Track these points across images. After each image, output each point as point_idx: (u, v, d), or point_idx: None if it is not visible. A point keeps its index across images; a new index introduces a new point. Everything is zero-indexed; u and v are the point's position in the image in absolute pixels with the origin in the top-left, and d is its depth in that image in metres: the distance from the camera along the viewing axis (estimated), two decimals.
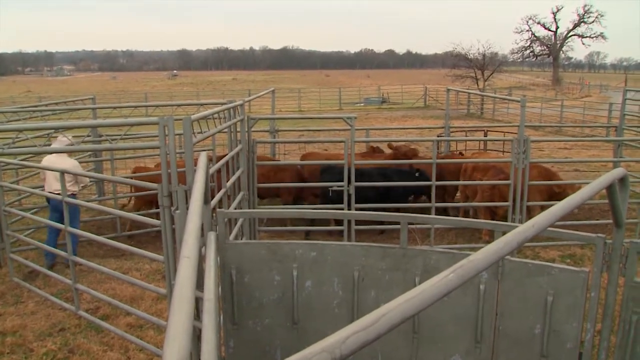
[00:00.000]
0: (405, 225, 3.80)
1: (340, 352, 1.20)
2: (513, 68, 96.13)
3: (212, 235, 3.49)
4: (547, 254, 9.01)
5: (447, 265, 1.58)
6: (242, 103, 7.98)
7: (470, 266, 1.60)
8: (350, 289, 3.87)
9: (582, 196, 2.44)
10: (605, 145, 18.21)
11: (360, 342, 1.26)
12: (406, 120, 32.52)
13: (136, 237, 10.04)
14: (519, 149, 8.80)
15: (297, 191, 10.56)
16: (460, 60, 56.53)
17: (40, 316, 6.96)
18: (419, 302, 1.42)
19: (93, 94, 13.63)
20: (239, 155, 8.07)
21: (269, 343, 4.03)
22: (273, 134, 11.67)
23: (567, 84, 66.20)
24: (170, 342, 1.27)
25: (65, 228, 6.69)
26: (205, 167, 3.27)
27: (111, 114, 11.71)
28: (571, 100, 40.25)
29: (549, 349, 3.59)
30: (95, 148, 10.97)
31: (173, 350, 1.24)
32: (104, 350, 6.09)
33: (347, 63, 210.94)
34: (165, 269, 5.46)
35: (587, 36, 74.47)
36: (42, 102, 15.30)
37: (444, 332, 3.80)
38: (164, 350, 1.25)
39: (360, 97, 48.15)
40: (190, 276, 1.67)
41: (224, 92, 51.20)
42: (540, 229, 2.02)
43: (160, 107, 11.78)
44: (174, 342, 1.27)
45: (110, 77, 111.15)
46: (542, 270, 3.56)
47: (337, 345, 1.20)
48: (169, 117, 4.95)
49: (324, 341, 1.21)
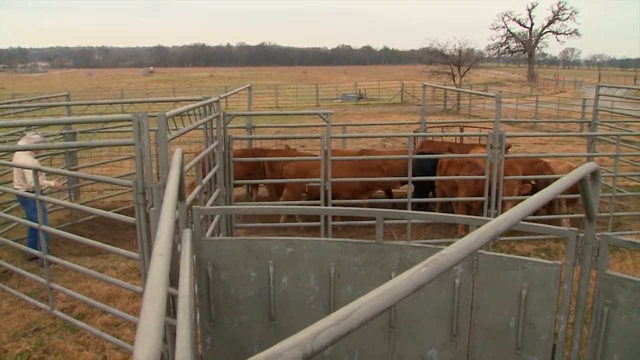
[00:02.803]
0: (381, 221, 3.82)
1: (311, 347, 1.20)
2: (489, 64, 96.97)
3: (187, 232, 3.47)
4: (522, 248, 9.11)
5: (423, 259, 1.59)
6: (217, 100, 7.94)
7: (443, 260, 1.61)
8: (326, 284, 3.88)
9: (554, 190, 2.47)
10: (579, 140, 18.43)
11: (332, 337, 1.26)
12: (383, 116, 32.60)
13: (112, 234, 9.94)
14: (494, 144, 8.88)
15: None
16: (437, 57, 56.77)
17: (14, 316, 6.87)
18: (391, 296, 1.43)
19: (68, 90, 13.48)
20: (214, 152, 8.03)
21: (246, 340, 4.02)
22: (249, 130, 11.63)
23: (542, 80, 66.94)
24: (141, 340, 1.26)
25: (40, 227, 6.61)
26: (180, 163, 3.24)
27: (86, 111, 11.57)
28: (546, 96, 40.73)
29: (523, 341, 3.63)
30: (68, 145, 10.84)
31: (144, 348, 1.23)
32: (80, 349, 6.04)
33: (324, 59, 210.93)
34: (140, 267, 5.42)
35: (562, 33, 75.44)
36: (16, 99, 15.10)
37: (420, 326, 3.82)
38: (134, 348, 1.24)
39: (337, 94, 48.11)
40: (163, 273, 1.65)
41: (201, 88, 50.85)
42: (512, 223, 2.04)
43: (135, 104, 11.71)
44: (145, 340, 1.26)
45: (86, 74, 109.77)
46: (516, 264, 3.60)
47: (309, 340, 1.21)
48: (144, 114, 4.91)
49: (296, 336, 1.21)
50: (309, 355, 1.19)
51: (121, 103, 13.60)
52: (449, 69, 53.73)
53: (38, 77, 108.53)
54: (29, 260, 8.56)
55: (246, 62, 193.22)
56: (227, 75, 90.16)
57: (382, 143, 19.63)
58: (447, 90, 36.46)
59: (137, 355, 1.20)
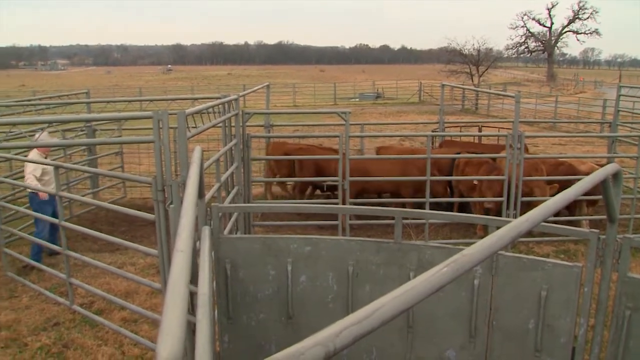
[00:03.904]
0: (400, 220, 3.81)
1: (334, 345, 1.20)
2: (508, 64, 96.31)
3: (206, 229, 3.49)
4: (541, 250, 9.04)
5: (441, 260, 1.58)
6: (236, 98, 7.96)
7: (464, 260, 1.60)
8: (344, 283, 3.87)
9: (576, 191, 2.45)
10: (600, 141, 18.26)
11: (354, 335, 1.26)
12: (401, 115, 32.50)
13: (131, 231, 10.02)
14: (514, 144, 8.81)
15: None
16: (455, 56, 56.57)
17: (34, 310, 6.95)
18: (412, 296, 1.42)
19: (87, 88, 13.58)
20: (233, 150, 8.06)
21: (263, 337, 4.03)
22: (268, 128, 11.65)
23: (562, 80, 66.30)
24: (164, 337, 1.27)
25: (60, 222, 6.69)
26: (200, 161, 3.26)
27: (105, 108, 11.67)
28: (565, 96, 40.35)
29: (542, 344, 3.60)
30: (89, 142, 10.94)
31: (167, 344, 1.23)
32: (99, 344, 6.09)
33: (342, 58, 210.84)
34: (159, 264, 5.46)
35: (582, 32, 74.66)
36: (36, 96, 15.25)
37: (439, 327, 3.80)
38: (157, 344, 1.25)
39: (355, 92, 48.05)
40: (185, 270, 1.66)
41: (219, 86, 51.04)
42: (534, 224, 2.02)
43: (154, 102, 11.77)
44: (167, 337, 1.26)
45: (105, 72, 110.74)
46: (536, 265, 3.57)
47: (331, 339, 1.20)
48: (164, 112, 4.94)
49: (318, 335, 1.21)
50: (331, 353, 1.19)
51: (140, 101, 13.68)
52: (468, 69, 53.51)
53: (58, 74, 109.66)
54: (49, 255, 8.66)
55: (264, 61, 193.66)
56: (245, 74, 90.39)
57: (399, 142, 19.57)
58: (465, 90, 36.26)
59: (160, 352, 1.21)
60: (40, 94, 31.76)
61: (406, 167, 10.07)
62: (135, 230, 10.06)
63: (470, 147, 11.69)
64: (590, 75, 78.80)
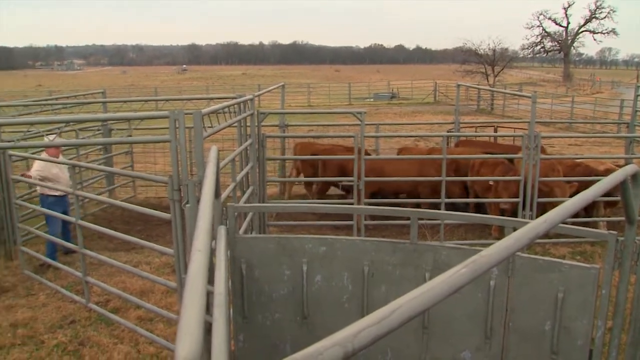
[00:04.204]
0: (416, 221, 3.79)
1: (352, 346, 1.20)
2: (523, 64, 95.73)
3: (222, 229, 3.49)
4: (557, 251, 8.98)
5: (457, 261, 1.58)
6: (252, 97, 7.98)
7: (483, 261, 1.59)
8: (360, 283, 3.87)
9: (595, 192, 2.43)
10: (617, 141, 18.11)
11: (372, 336, 1.25)
12: (416, 115, 32.43)
13: (146, 230, 10.08)
14: (530, 145, 8.76)
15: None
16: (471, 56, 56.31)
17: (51, 308, 7.01)
18: (431, 296, 1.42)
19: (103, 88, 13.69)
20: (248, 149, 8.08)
21: (278, 337, 4.03)
22: (282, 128, 11.67)
23: (578, 80, 65.81)
24: (183, 336, 1.27)
25: (76, 221, 6.75)
26: (216, 160, 3.27)
27: (121, 108, 11.74)
28: (582, 97, 40.04)
29: (559, 346, 3.58)
30: (106, 142, 11.02)
31: (185, 344, 1.24)
32: (114, 343, 6.13)
33: (356, 58, 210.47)
34: (175, 263, 5.48)
35: (599, 32, 73.95)
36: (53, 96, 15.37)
37: (454, 327, 3.79)
38: (176, 344, 1.25)
39: (369, 92, 48.02)
40: (203, 270, 1.67)
41: (234, 86, 51.18)
42: (552, 225, 2.01)
43: (170, 102, 11.83)
44: (186, 336, 1.27)
45: (120, 72, 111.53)
46: (552, 267, 3.54)
47: (350, 339, 1.20)
48: (180, 111, 4.96)
49: (336, 335, 1.21)
50: (350, 354, 1.19)
51: (155, 100, 13.77)
52: (483, 69, 53.24)
53: (74, 74, 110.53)
54: (64, 254, 8.73)
55: (278, 61, 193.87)
56: (260, 74, 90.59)
57: (414, 143, 19.52)
58: (480, 90, 36.09)
59: (179, 351, 1.21)
60: (56, 93, 32.04)
61: (424, 167, 10.04)
62: (151, 229, 10.12)
63: (488, 147, 11.63)
64: (607, 75, 78.20)
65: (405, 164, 10.30)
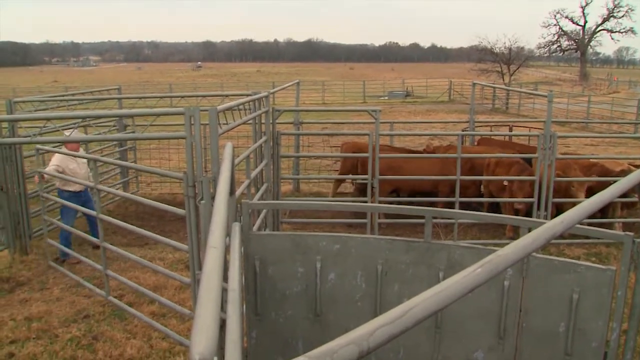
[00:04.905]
0: (430, 219, 3.78)
1: (367, 344, 1.20)
2: (539, 63, 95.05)
3: (236, 226, 3.50)
4: (572, 252, 8.92)
5: (471, 260, 1.57)
6: (267, 95, 7.99)
7: (499, 261, 1.58)
8: (373, 282, 3.86)
9: (612, 193, 2.41)
10: (633, 142, 17.96)
11: (387, 335, 1.25)
12: (430, 114, 32.34)
13: (160, 226, 10.12)
14: (545, 145, 8.70)
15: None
16: (486, 55, 56.04)
17: (65, 303, 7.07)
18: (446, 296, 1.41)
19: (119, 84, 13.78)
20: (263, 146, 8.10)
21: (291, 334, 4.04)
22: (297, 126, 11.68)
23: (595, 79, 65.27)
24: (198, 333, 1.28)
25: (97, 215, 6.81)
26: (231, 157, 3.27)
27: (136, 104, 11.79)
28: (599, 96, 39.76)
29: (573, 348, 3.55)
30: (121, 137, 11.08)
31: (201, 340, 1.24)
32: (127, 337, 6.17)
33: (371, 56, 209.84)
34: (189, 259, 5.51)
35: (617, 31, 73.21)
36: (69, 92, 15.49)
37: (467, 327, 3.77)
38: (191, 339, 1.26)
39: (384, 91, 47.94)
40: (218, 266, 1.67)
41: (248, 83, 51.37)
42: (569, 225, 2.00)
43: (185, 98, 11.88)
44: (202, 333, 1.27)
45: (136, 68, 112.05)
46: (568, 268, 3.52)
47: (365, 338, 1.20)
48: (195, 108, 4.98)
49: (351, 333, 1.21)
50: (365, 352, 1.19)
51: (170, 97, 13.83)
52: (498, 68, 52.96)
53: (90, 70, 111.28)
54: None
55: (293, 58, 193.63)
56: (274, 71, 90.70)
57: (429, 141, 19.45)
58: (496, 89, 35.91)
59: (195, 347, 1.22)
60: (72, 89, 32.24)
61: (446, 166, 9.97)
62: (164, 225, 10.16)
63: (508, 146, 11.54)
64: (625, 74, 77.49)
65: (427, 163, 10.24)
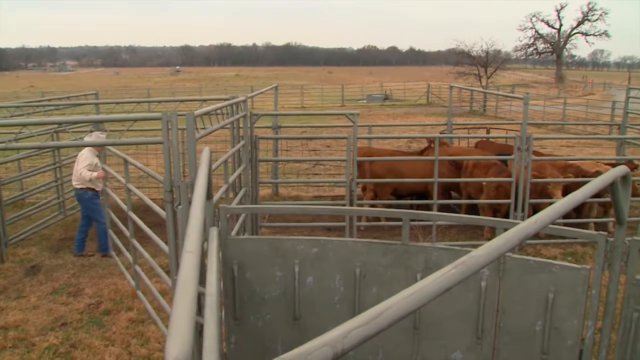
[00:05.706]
0: (407, 222, 3.81)
1: (342, 346, 1.20)
2: (516, 66, 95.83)
3: (214, 230, 3.49)
4: (548, 252, 9.01)
5: (448, 261, 1.59)
6: (244, 99, 7.98)
7: (472, 262, 1.60)
8: (351, 285, 3.87)
9: (584, 193, 2.44)
10: (608, 143, 18.18)
11: (362, 336, 1.26)
12: (409, 117, 32.46)
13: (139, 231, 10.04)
14: (522, 146, 8.79)
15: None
16: (463, 58, 56.39)
17: (42, 310, 6.98)
18: (420, 297, 1.43)
19: (96, 89, 13.65)
20: (241, 151, 8.08)
21: (270, 338, 4.04)
22: (275, 130, 11.66)
23: (570, 81, 66.03)
24: (173, 337, 1.28)
25: (127, 212, 7.03)
26: (209, 162, 3.27)
27: (114, 110, 11.71)
28: (574, 98, 40.21)
29: (549, 346, 3.60)
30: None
31: (176, 344, 1.24)
32: (106, 345, 6.12)
33: (349, 60, 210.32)
34: (169, 264, 5.48)
35: (591, 34, 74.07)
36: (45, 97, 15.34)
37: (445, 328, 3.80)
38: (166, 344, 1.25)
39: (362, 94, 48.09)
40: (193, 271, 1.67)
41: (227, 88, 51.14)
42: (542, 226, 2.02)
43: (163, 103, 11.81)
44: (177, 337, 1.27)
45: (113, 73, 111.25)
46: (543, 268, 3.56)
47: (339, 340, 1.21)
48: (173, 113, 4.96)
49: (326, 335, 1.21)
50: (339, 354, 1.20)
51: (148, 102, 13.75)
52: (476, 70, 53.33)
53: (66, 75, 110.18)
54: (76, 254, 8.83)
55: (272, 62, 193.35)
56: (253, 75, 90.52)
57: (407, 144, 19.54)
58: (473, 92, 36.18)
59: (170, 350, 1.21)
60: (49, 95, 31.93)
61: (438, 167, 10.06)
62: (141, 231, 10.07)
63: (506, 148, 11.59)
64: (599, 77, 78.43)
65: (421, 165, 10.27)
